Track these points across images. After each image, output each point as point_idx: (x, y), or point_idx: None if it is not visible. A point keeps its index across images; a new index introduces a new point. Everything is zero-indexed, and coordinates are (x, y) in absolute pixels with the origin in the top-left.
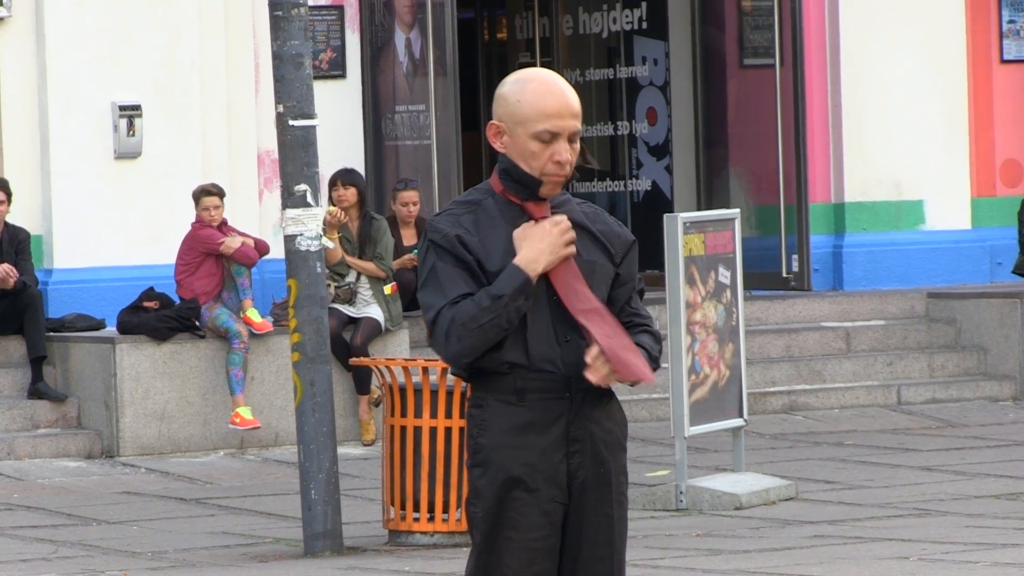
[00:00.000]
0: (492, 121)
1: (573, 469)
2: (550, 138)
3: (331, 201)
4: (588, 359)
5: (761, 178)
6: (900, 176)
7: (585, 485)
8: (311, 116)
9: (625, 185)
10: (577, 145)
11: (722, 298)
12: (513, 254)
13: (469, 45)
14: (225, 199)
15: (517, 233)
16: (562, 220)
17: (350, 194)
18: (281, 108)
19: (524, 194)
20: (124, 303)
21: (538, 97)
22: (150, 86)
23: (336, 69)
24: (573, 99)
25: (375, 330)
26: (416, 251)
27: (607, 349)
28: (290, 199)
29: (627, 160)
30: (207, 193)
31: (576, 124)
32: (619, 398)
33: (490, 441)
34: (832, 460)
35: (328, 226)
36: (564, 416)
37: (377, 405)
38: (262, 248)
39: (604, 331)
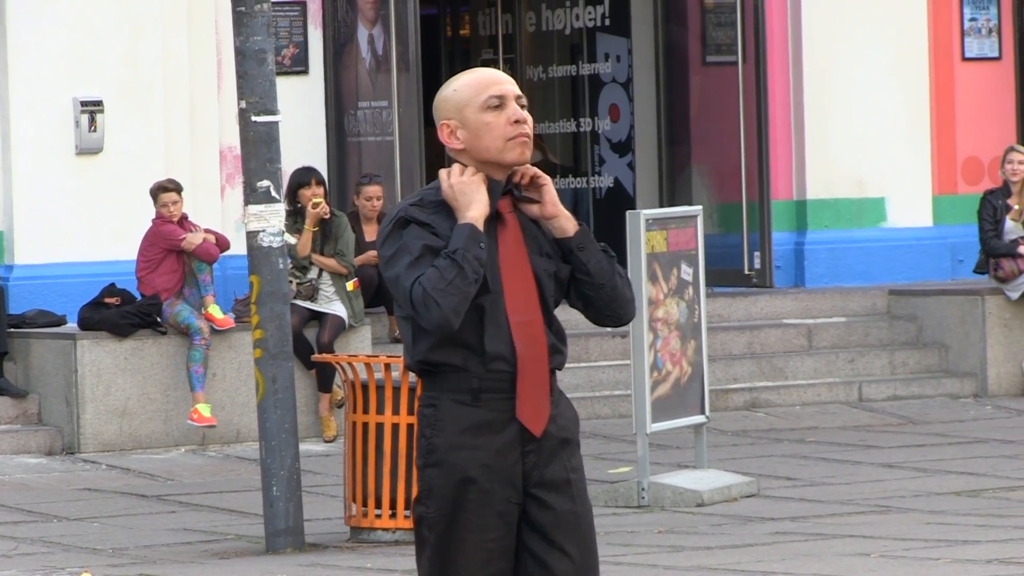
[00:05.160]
0: (441, 122)
1: (528, 468)
2: (499, 103)
3: (298, 202)
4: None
5: (724, 175)
6: (862, 173)
7: (542, 484)
8: (274, 112)
9: (587, 182)
10: (527, 113)
11: (684, 295)
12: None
13: (432, 41)
14: (185, 194)
15: (447, 195)
16: (464, 169)
17: (321, 192)
18: (244, 104)
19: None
20: (85, 299)
21: (472, 78)
22: (113, 82)
23: (299, 65)
24: (504, 74)
25: (340, 327)
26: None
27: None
28: (252, 195)
29: (590, 157)
30: (164, 189)
31: (517, 89)
32: (581, 394)
33: (444, 441)
34: (794, 457)
35: (310, 217)
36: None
37: (340, 407)
38: (223, 244)
39: (526, 353)
